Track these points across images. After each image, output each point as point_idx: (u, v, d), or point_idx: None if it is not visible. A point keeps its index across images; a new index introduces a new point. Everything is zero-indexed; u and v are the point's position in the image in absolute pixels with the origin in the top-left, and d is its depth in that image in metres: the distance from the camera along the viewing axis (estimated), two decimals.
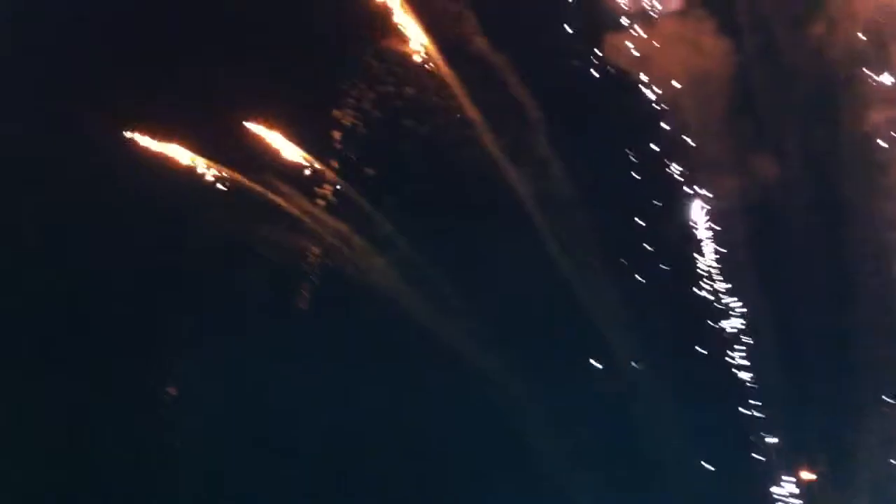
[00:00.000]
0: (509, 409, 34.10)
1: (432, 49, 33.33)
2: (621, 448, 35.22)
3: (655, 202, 36.12)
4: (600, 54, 34.80)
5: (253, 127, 33.41)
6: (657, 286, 35.68)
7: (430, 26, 33.16)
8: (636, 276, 35.61)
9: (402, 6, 32.70)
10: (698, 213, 36.03)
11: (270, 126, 33.49)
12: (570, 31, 34.58)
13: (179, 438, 32.63)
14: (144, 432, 32.72)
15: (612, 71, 34.80)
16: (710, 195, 36.05)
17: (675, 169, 35.75)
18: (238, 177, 33.54)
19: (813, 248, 35.18)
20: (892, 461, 35.03)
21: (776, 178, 35.50)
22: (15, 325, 32.10)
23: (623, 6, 34.83)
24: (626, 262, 35.56)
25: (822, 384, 34.90)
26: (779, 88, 35.11)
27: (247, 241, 33.16)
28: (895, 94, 33.98)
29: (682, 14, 34.90)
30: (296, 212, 34.15)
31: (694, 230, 36.14)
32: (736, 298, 36.04)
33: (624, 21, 34.88)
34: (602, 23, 34.85)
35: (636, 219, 35.52)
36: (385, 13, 32.79)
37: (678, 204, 36.17)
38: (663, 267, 35.85)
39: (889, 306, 34.59)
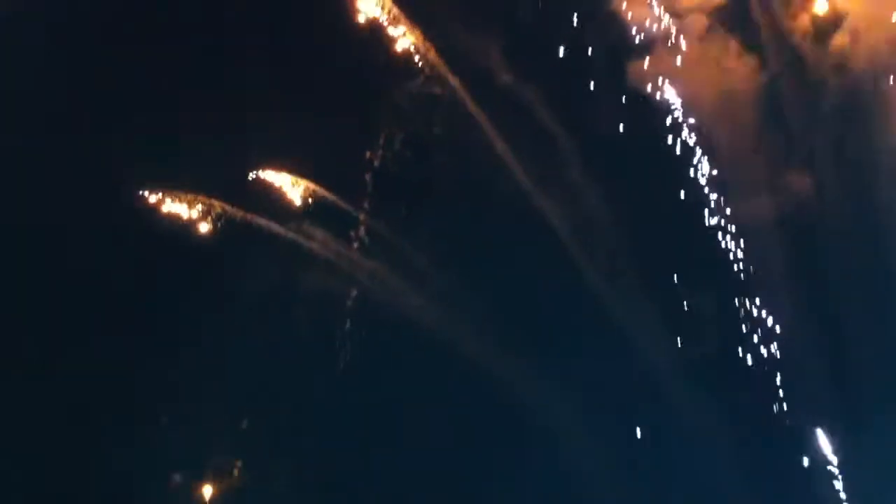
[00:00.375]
0: (556, 438, 34.26)
1: (459, 85, 33.57)
2: (665, 473, 35.04)
3: (687, 225, 36.06)
4: (626, 81, 35.03)
5: (284, 169, 33.73)
6: (692, 308, 35.71)
7: (457, 63, 33.45)
8: (672, 299, 35.56)
9: (426, 45, 33.01)
10: (732, 233, 35.99)
11: (300, 168, 33.74)
12: (594, 60, 34.74)
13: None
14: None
15: (638, 97, 34.94)
16: (742, 214, 35.99)
17: (707, 192, 35.81)
18: (266, 220, 33.68)
19: (847, 262, 35.09)
20: None
21: (807, 193, 35.57)
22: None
23: (646, 32, 34.97)
24: (660, 286, 35.50)
25: (866, 401, 34.74)
26: (805, 104, 35.23)
27: (281, 284, 33.37)
28: None
29: (704, 37, 35.06)
30: (328, 253, 34.27)
31: (727, 250, 36.07)
32: (771, 317, 35.93)
33: (647, 47, 35.10)
34: (625, 49, 35.03)
35: (669, 242, 35.42)
36: (410, 54, 33.10)
37: (710, 225, 36.13)
38: (696, 289, 35.83)
39: None
